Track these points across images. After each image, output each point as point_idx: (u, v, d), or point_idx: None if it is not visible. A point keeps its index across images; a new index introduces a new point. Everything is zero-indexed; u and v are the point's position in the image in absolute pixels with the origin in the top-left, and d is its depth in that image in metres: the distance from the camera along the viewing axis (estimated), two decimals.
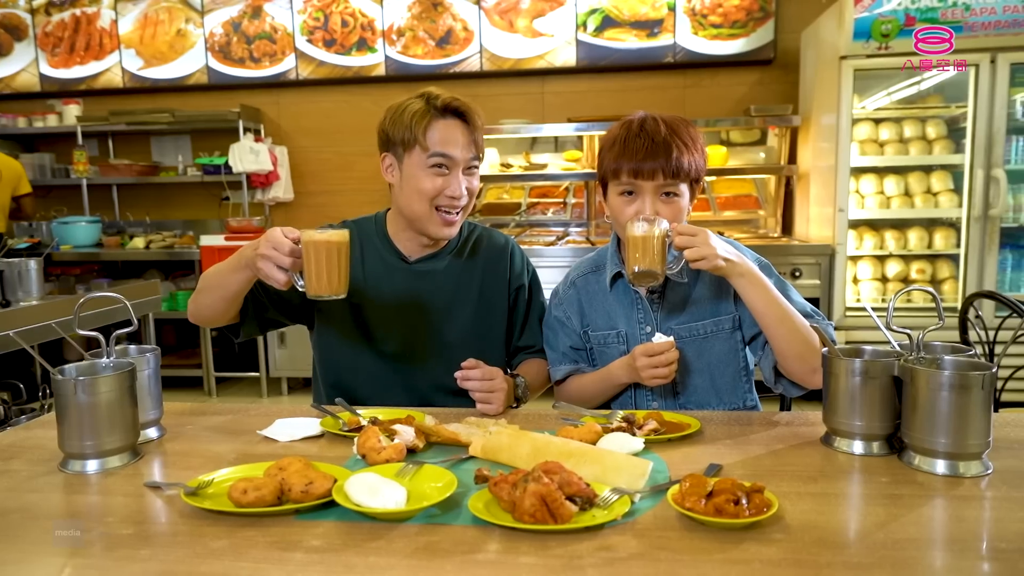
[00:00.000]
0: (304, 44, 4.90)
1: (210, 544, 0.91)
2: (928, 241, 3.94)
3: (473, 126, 1.55)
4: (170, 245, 4.71)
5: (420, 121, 1.51)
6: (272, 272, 1.30)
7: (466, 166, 1.55)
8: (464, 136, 1.54)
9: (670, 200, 1.45)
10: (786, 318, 1.38)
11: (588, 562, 0.85)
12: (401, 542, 0.91)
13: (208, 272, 1.51)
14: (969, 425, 1.07)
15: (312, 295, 1.31)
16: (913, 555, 0.85)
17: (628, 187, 1.46)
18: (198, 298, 1.53)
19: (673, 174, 1.42)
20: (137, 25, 5.05)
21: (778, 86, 4.65)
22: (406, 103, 1.55)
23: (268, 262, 1.29)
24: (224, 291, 1.47)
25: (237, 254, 1.40)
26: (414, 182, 1.53)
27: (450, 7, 4.76)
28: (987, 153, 3.71)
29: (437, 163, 1.52)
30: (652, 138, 1.42)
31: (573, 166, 4.66)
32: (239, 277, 1.42)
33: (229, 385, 4.76)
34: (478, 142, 1.57)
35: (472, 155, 1.56)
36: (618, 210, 1.49)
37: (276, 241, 1.29)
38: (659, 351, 1.38)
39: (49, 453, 1.25)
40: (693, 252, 1.32)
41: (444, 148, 1.51)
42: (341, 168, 5.08)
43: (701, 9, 4.58)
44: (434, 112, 1.52)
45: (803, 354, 1.38)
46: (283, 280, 1.30)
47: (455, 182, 1.53)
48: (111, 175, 5.03)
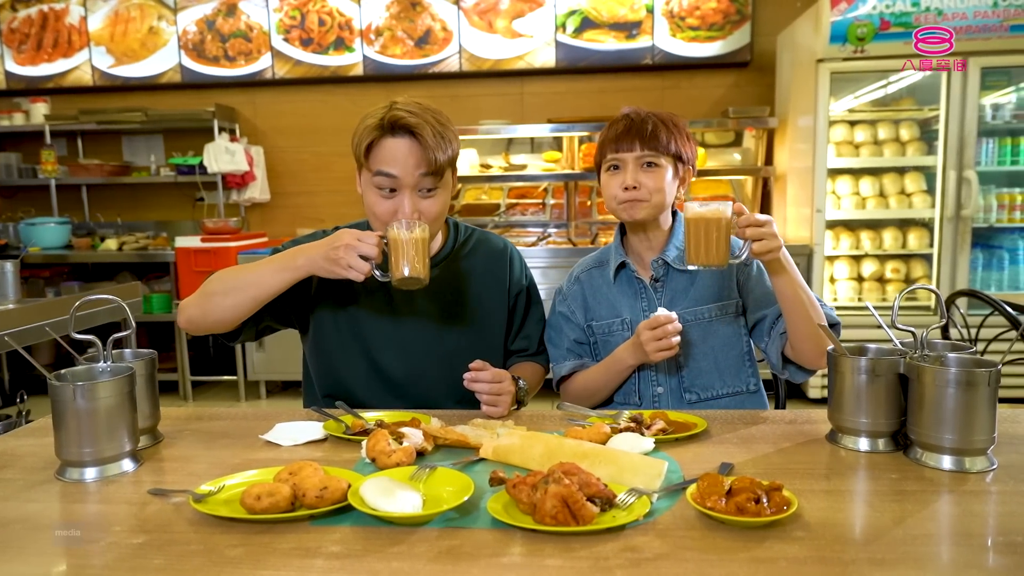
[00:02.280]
0: (280, 43, 4.84)
1: (226, 552, 0.89)
2: (902, 241, 4.02)
3: (424, 143, 1.40)
4: (144, 247, 4.61)
5: (367, 137, 1.42)
6: (355, 262, 1.32)
7: (416, 186, 1.43)
8: (414, 155, 1.40)
9: (651, 170, 1.52)
10: (810, 302, 1.42)
11: (614, 563, 0.84)
12: (422, 546, 0.89)
13: (225, 274, 1.45)
14: (975, 421, 1.09)
15: (397, 280, 1.37)
16: (934, 550, 0.87)
17: (613, 162, 1.55)
18: (213, 300, 1.44)
19: (651, 146, 1.50)
20: (107, 22, 4.94)
21: (754, 88, 4.71)
22: (370, 113, 1.46)
23: (351, 252, 1.32)
24: (259, 291, 1.42)
25: (282, 256, 1.41)
26: (367, 201, 1.48)
27: (429, 7, 4.74)
28: (959, 155, 3.79)
29: (380, 184, 1.43)
30: (632, 119, 1.54)
31: (553, 167, 4.67)
32: (282, 278, 1.40)
33: (205, 389, 4.68)
34: (434, 160, 1.40)
35: (423, 172, 1.41)
36: (606, 185, 1.57)
37: (360, 234, 1.35)
38: (662, 323, 1.41)
39: (43, 461, 1.21)
40: (763, 245, 1.31)
41: (388, 167, 1.41)
42: (318, 169, 5.02)
43: (679, 12, 4.62)
44: (380, 130, 1.41)
45: (817, 337, 1.42)
46: (366, 269, 1.33)
47: (402, 204, 1.42)
48: (81, 175, 4.91)
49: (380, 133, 1.42)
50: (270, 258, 1.43)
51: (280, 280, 1.41)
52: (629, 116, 1.55)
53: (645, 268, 1.62)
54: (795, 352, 1.49)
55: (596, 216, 4.68)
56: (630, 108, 1.58)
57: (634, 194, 1.50)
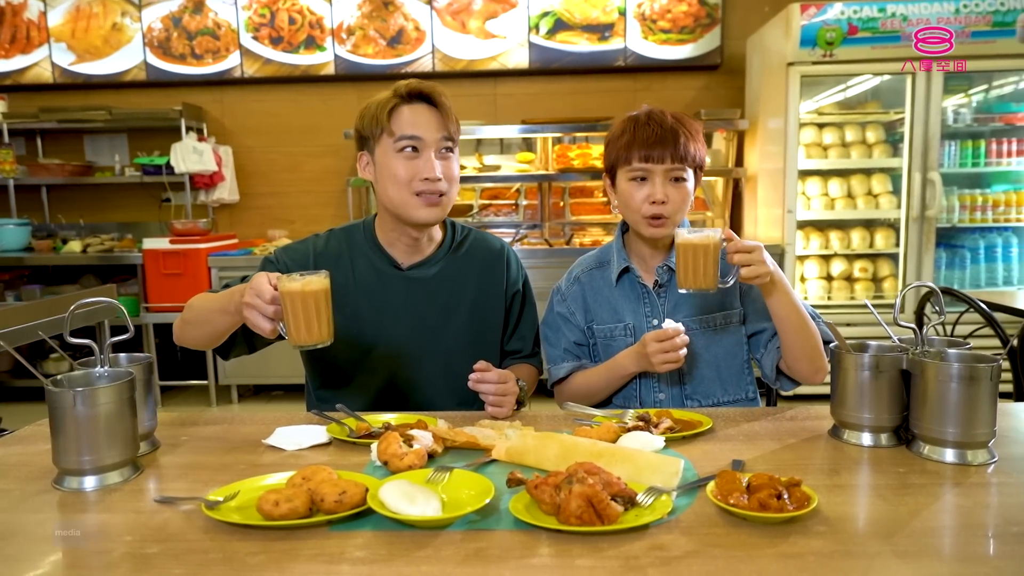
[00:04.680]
0: (249, 41, 4.76)
1: (247, 560, 0.87)
2: (870, 241, 4.12)
3: (442, 109, 1.50)
4: (109, 249, 4.48)
5: (385, 108, 1.49)
6: (258, 321, 1.23)
7: (438, 148, 1.50)
8: (434, 118, 1.50)
9: (678, 185, 1.50)
10: (805, 325, 1.44)
11: (645, 562, 0.84)
12: (448, 550, 0.88)
13: (195, 303, 1.45)
14: (977, 415, 1.12)
15: (295, 345, 1.24)
16: (952, 542, 0.89)
17: (640, 172, 1.50)
18: (184, 328, 1.47)
19: (681, 159, 1.48)
20: (68, 17, 4.80)
21: (724, 91, 4.78)
22: (374, 98, 1.53)
23: (253, 311, 1.23)
24: (212, 328, 1.41)
25: (226, 295, 1.35)
26: (387, 170, 1.50)
27: (401, 7, 4.70)
28: (923, 157, 3.90)
29: (405, 146, 1.48)
30: (660, 125, 1.49)
31: (527, 167, 4.67)
32: (227, 319, 1.36)
33: (175, 394, 4.57)
34: (449, 126, 1.51)
35: (443, 136, 1.50)
36: (628, 195, 1.52)
37: (259, 289, 1.22)
38: (670, 336, 1.41)
39: (38, 470, 1.17)
40: (751, 271, 1.36)
41: (411, 130, 1.48)
42: (289, 169, 4.95)
43: (651, 15, 4.66)
44: (399, 99, 1.50)
45: (812, 356, 1.46)
46: (268, 329, 1.23)
47: (428, 164, 1.48)
48: (41, 175, 4.76)
49: (400, 100, 1.49)
50: (220, 294, 1.39)
51: (225, 321, 1.38)
52: (657, 121, 1.50)
53: (648, 272, 1.61)
54: (789, 369, 1.52)
55: (569, 217, 4.69)
56: (650, 109, 1.54)
57: (661, 209, 1.48)
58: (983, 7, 3.76)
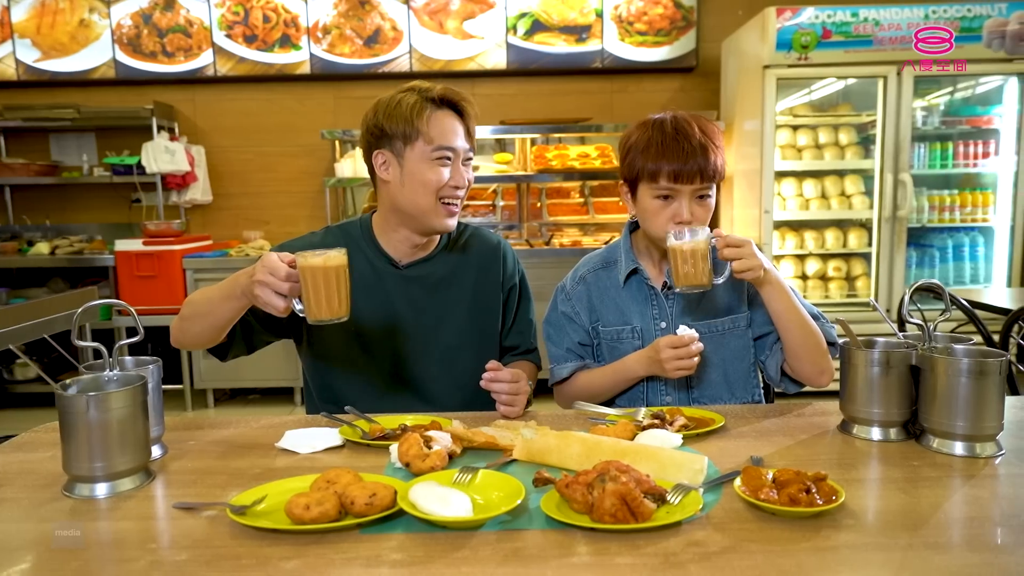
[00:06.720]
0: (223, 39, 4.68)
1: (282, 565, 0.85)
2: (843, 241, 4.20)
3: (468, 117, 1.54)
4: (79, 251, 4.36)
5: (421, 113, 1.49)
6: (271, 299, 1.22)
7: (464, 157, 1.55)
8: (461, 128, 1.53)
9: (703, 202, 1.48)
10: (804, 323, 1.46)
11: (684, 558, 0.85)
12: (485, 550, 0.88)
13: (194, 298, 1.41)
14: (986, 408, 1.15)
15: (313, 320, 1.23)
16: (979, 532, 0.91)
17: (666, 191, 1.46)
18: (184, 325, 1.43)
19: (710, 177, 1.45)
20: (33, 13, 4.66)
21: (700, 93, 4.84)
22: (397, 96, 1.52)
23: (266, 288, 1.22)
24: (214, 319, 1.38)
25: (229, 281, 1.33)
26: (418, 176, 1.49)
27: (378, 6, 4.67)
28: (895, 158, 3.99)
29: (442, 156, 1.50)
30: (689, 140, 1.43)
31: (504, 168, 4.67)
32: (232, 306, 1.34)
33: None
34: (473, 134, 1.56)
35: (469, 147, 1.55)
36: (653, 212, 1.48)
37: (272, 266, 1.22)
38: (685, 343, 1.41)
39: (45, 477, 1.13)
40: (741, 264, 1.37)
41: (447, 141, 1.50)
42: (263, 169, 4.88)
43: (627, 17, 4.70)
44: (432, 104, 1.50)
45: (814, 357, 1.47)
46: (282, 307, 1.23)
47: (458, 174, 1.52)
48: (5, 175, 4.61)
49: (434, 106, 1.50)
50: (221, 283, 1.36)
51: (230, 308, 1.35)
52: (684, 136, 1.43)
53: (657, 274, 1.60)
54: (792, 370, 1.53)
55: (547, 218, 4.70)
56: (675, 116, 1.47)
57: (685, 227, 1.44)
58: (951, 13, 3.87)
